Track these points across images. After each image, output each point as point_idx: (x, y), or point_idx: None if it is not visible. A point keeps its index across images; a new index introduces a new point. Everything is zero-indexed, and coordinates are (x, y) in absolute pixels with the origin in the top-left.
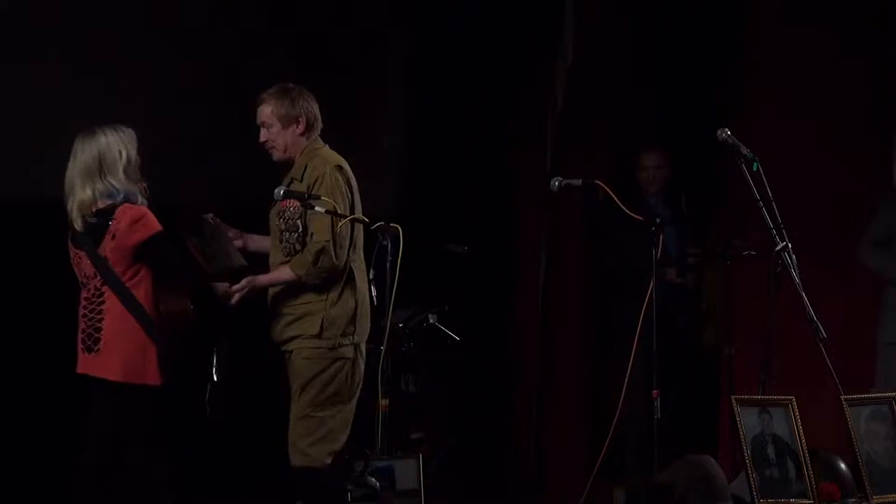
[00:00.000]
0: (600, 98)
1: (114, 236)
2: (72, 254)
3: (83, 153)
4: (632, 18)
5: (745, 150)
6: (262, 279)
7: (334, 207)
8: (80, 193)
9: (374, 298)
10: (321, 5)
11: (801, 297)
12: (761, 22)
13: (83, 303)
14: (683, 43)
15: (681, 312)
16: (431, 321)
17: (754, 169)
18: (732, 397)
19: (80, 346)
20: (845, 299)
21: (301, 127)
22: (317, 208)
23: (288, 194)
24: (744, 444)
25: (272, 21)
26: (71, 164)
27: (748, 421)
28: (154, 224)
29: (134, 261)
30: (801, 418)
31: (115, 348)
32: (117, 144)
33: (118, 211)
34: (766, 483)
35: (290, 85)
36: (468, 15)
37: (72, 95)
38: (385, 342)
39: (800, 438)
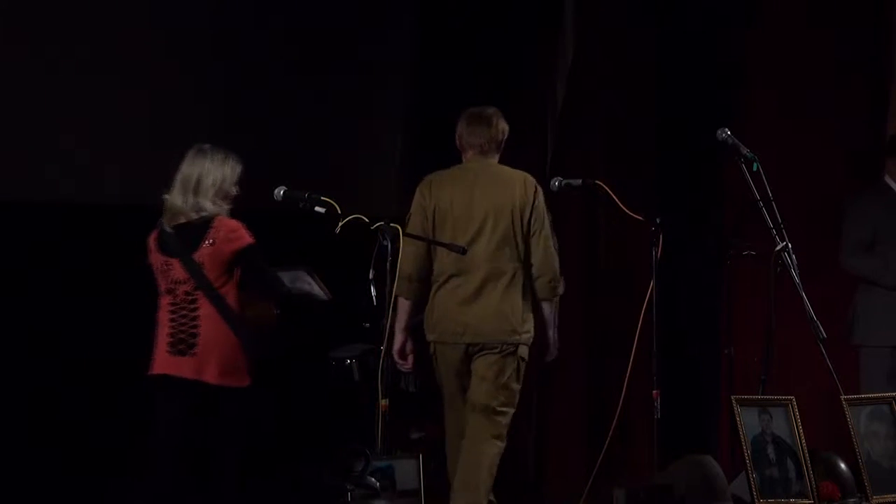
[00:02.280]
0: (600, 98)
1: (212, 242)
2: (158, 261)
3: (187, 168)
4: (632, 18)
5: (745, 150)
6: (397, 327)
7: (334, 207)
8: (175, 202)
9: (375, 298)
10: (322, 5)
11: (802, 297)
12: (761, 22)
13: (170, 307)
14: (683, 43)
15: None
16: None
17: (754, 169)
18: (732, 397)
19: (166, 348)
20: (844, 299)
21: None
22: (317, 209)
23: (287, 194)
24: (744, 444)
25: (272, 21)
26: (182, 173)
27: (748, 421)
28: (248, 236)
29: (227, 268)
30: (801, 418)
31: (213, 352)
32: (219, 171)
33: (216, 221)
34: (766, 483)
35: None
36: (468, 15)
37: (72, 95)
38: (385, 342)
39: (800, 438)
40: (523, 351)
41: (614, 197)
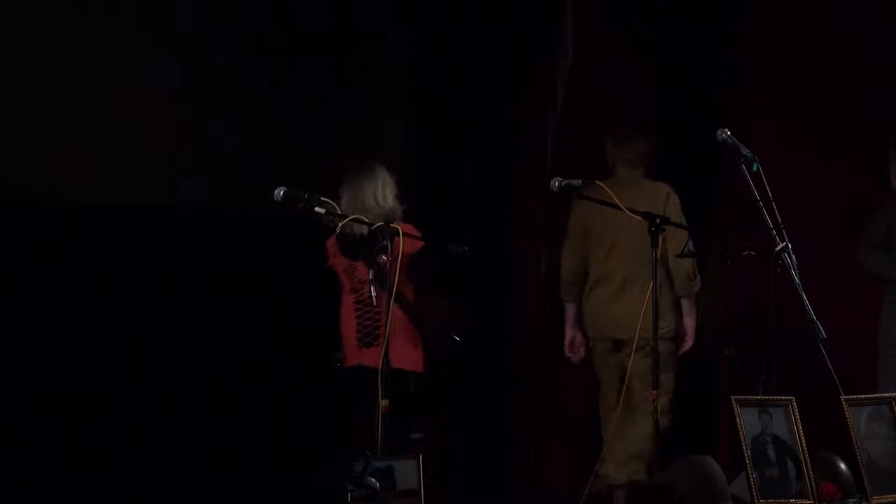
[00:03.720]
0: (600, 98)
1: (391, 246)
2: (342, 264)
3: (367, 181)
4: (632, 18)
5: (745, 150)
6: (566, 325)
7: (334, 208)
8: (361, 211)
9: (374, 298)
10: (322, 5)
11: (801, 297)
12: (761, 22)
13: (355, 305)
14: (683, 43)
15: None
16: None
17: (754, 169)
18: (732, 397)
19: (355, 341)
20: (843, 300)
21: None
22: (316, 209)
23: (287, 195)
24: (744, 444)
25: (272, 20)
26: (352, 191)
27: (748, 421)
28: (421, 239)
29: (406, 268)
30: (801, 418)
31: (395, 342)
32: (389, 179)
33: (393, 227)
34: (766, 483)
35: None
36: (468, 15)
37: (73, 95)
38: (385, 342)
39: (800, 438)
40: (663, 345)
41: (614, 197)
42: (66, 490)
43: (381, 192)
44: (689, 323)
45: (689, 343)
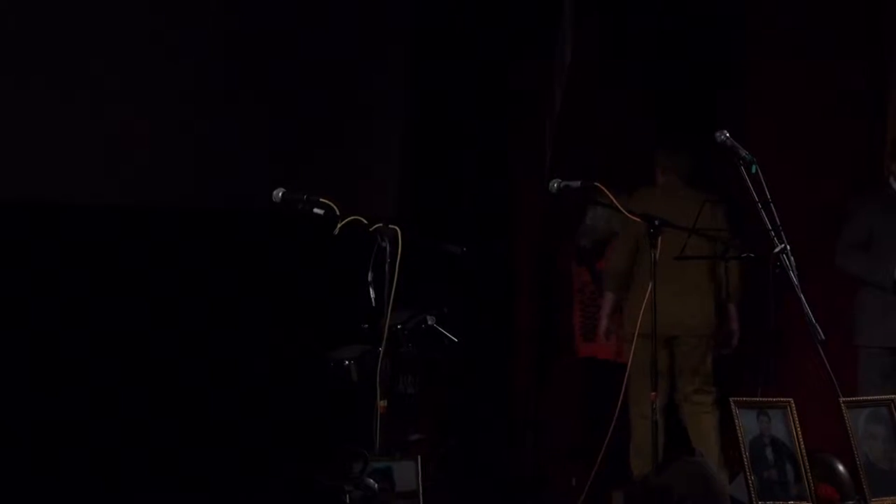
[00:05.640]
0: (600, 98)
1: (608, 255)
2: (574, 269)
3: (591, 207)
4: (632, 18)
5: (743, 152)
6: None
7: (333, 209)
8: (585, 230)
9: (373, 300)
10: (322, 5)
11: (800, 298)
12: (761, 23)
13: (580, 305)
14: (683, 43)
15: None
16: (430, 323)
17: (753, 171)
18: (731, 399)
19: (580, 335)
20: (841, 301)
21: None
22: (315, 210)
23: (286, 196)
24: (742, 446)
25: (272, 22)
26: (587, 213)
27: (746, 423)
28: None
29: None
30: (799, 420)
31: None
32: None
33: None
34: (764, 485)
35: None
36: (467, 15)
37: (75, 95)
38: (383, 343)
39: (798, 441)
40: (705, 343)
41: (612, 198)
42: (65, 490)
43: (593, 216)
44: (736, 327)
45: (734, 345)
